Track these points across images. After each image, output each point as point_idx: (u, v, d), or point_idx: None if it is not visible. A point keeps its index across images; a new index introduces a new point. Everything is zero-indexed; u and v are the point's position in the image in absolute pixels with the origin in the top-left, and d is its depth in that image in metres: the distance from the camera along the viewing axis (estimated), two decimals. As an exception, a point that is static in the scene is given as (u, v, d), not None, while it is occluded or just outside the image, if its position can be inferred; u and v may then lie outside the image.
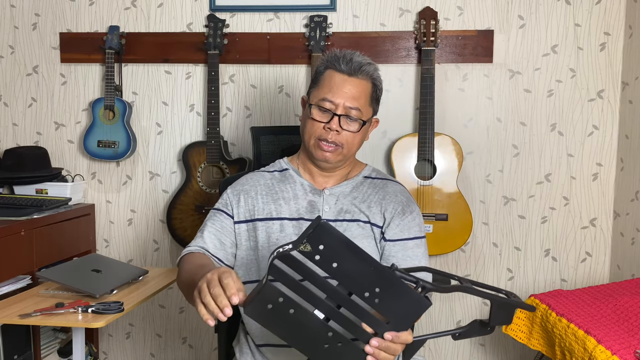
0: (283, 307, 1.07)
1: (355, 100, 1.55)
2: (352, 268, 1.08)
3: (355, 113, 1.55)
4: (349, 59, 1.55)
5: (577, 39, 2.60)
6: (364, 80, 1.56)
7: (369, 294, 1.09)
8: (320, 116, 1.55)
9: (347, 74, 1.55)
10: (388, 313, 1.13)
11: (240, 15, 2.72)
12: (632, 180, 2.50)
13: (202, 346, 2.88)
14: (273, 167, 1.71)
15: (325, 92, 1.55)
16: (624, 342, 1.65)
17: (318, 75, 1.60)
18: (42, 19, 2.81)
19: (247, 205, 1.61)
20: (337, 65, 1.56)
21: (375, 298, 1.10)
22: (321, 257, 1.06)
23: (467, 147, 2.64)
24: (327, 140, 1.55)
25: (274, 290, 1.05)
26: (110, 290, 1.98)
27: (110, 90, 2.70)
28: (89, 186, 2.85)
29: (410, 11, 2.65)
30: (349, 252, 1.07)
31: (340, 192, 1.63)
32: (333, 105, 1.54)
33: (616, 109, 2.61)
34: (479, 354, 2.77)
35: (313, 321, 1.10)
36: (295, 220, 1.58)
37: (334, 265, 1.07)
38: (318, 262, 1.07)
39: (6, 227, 2.25)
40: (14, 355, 2.31)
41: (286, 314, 1.08)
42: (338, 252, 1.07)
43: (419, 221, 1.63)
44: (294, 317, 1.08)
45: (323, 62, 1.60)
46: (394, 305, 1.12)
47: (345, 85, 1.55)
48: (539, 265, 2.70)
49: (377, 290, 1.09)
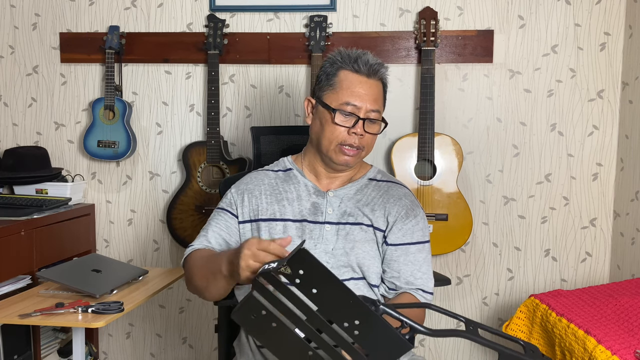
0: (266, 319, 1.08)
1: (375, 102, 1.55)
2: (332, 297, 1.07)
3: (376, 115, 1.55)
4: (366, 61, 1.53)
5: (577, 39, 2.60)
6: (378, 81, 1.56)
7: (348, 324, 1.08)
8: (343, 121, 1.53)
9: (366, 75, 1.54)
10: (367, 346, 1.10)
11: (240, 15, 2.72)
12: (632, 180, 2.50)
13: (202, 346, 2.88)
14: (277, 166, 1.70)
15: (347, 96, 1.52)
16: (624, 342, 1.65)
17: (331, 77, 1.56)
18: (42, 19, 2.81)
19: (251, 204, 1.61)
20: (355, 67, 1.53)
21: (355, 330, 1.08)
22: (301, 281, 1.07)
23: (467, 147, 2.64)
24: (352, 145, 1.54)
25: (257, 302, 1.07)
26: (110, 290, 1.98)
27: (110, 90, 2.70)
28: (89, 186, 2.85)
29: (410, 11, 2.65)
30: (328, 282, 1.07)
31: (345, 195, 1.61)
32: (356, 108, 1.52)
33: (616, 109, 2.61)
34: (479, 354, 2.77)
35: (293, 338, 1.10)
36: (299, 222, 1.57)
37: (314, 291, 1.07)
38: (298, 285, 1.07)
39: (6, 227, 2.25)
40: (14, 355, 2.31)
41: (269, 326, 1.09)
42: (317, 280, 1.07)
43: (422, 225, 1.62)
44: (275, 330, 1.09)
45: (334, 63, 1.56)
46: (373, 341, 1.10)
47: (366, 88, 1.53)
48: (539, 265, 2.70)
49: (357, 322, 1.08)
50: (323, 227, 1.57)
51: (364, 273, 1.55)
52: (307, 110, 1.63)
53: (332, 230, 1.57)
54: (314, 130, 1.60)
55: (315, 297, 1.08)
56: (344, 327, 1.09)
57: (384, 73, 1.57)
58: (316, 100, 1.60)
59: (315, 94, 1.61)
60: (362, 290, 1.54)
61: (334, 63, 1.57)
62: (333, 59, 1.58)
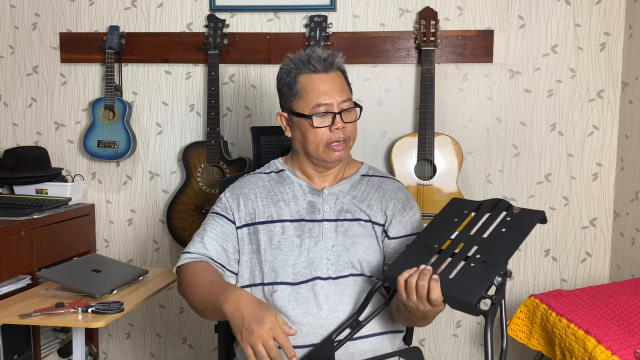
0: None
1: (343, 92, 1.57)
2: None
3: (348, 104, 1.57)
4: (318, 57, 1.55)
5: (577, 39, 2.60)
6: (337, 71, 1.59)
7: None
8: (321, 122, 1.54)
9: (324, 71, 1.56)
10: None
11: (240, 15, 2.72)
12: (632, 180, 2.50)
13: (202, 346, 2.88)
14: (269, 168, 1.70)
15: (315, 98, 1.54)
16: (624, 342, 1.65)
17: (293, 86, 1.57)
18: (42, 19, 2.81)
19: (248, 208, 1.61)
20: (310, 68, 1.55)
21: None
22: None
23: (467, 147, 2.64)
24: (338, 140, 1.55)
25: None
26: (110, 290, 1.98)
27: (110, 90, 2.70)
28: (89, 186, 2.85)
29: (410, 11, 2.65)
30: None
31: (339, 191, 1.63)
32: (329, 106, 1.54)
33: (616, 109, 2.61)
34: (479, 354, 2.77)
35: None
36: (297, 222, 1.58)
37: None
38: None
39: (6, 227, 2.25)
40: (14, 355, 2.31)
41: None
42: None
43: (419, 216, 1.66)
44: None
45: (290, 72, 1.58)
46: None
47: (329, 83, 1.55)
48: (539, 265, 2.70)
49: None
50: (322, 224, 1.57)
51: (363, 268, 1.56)
52: (282, 124, 1.64)
53: (331, 227, 1.57)
54: (297, 140, 1.61)
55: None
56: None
57: (339, 62, 1.59)
58: (288, 113, 1.61)
59: (285, 107, 1.62)
60: (360, 285, 1.54)
61: (289, 72, 1.58)
62: (287, 69, 1.59)
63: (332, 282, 1.52)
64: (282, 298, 1.51)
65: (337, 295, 1.51)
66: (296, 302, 1.50)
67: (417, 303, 1.30)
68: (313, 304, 1.50)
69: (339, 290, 1.52)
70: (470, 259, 1.29)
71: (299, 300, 1.50)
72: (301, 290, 1.51)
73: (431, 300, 1.29)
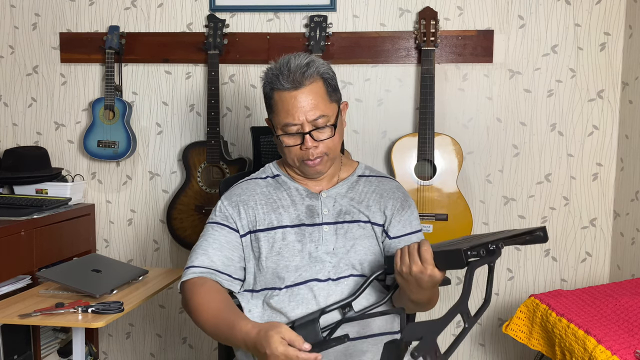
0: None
1: (315, 109, 1.48)
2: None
3: (321, 121, 1.49)
4: (288, 72, 1.47)
5: (577, 39, 2.60)
6: (312, 83, 1.48)
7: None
8: (292, 141, 1.52)
9: (293, 88, 1.47)
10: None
11: (240, 15, 2.72)
12: (632, 180, 2.50)
13: (202, 346, 2.88)
14: (264, 173, 1.68)
15: (284, 117, 1.49)
16: (624, 342, 1.65)
17: (268, 100, 1.53)
18: (42, 19, 2.81)
19: (249, 216, 1.59)
20: (279, 85, 1.48)
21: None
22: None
23: (467, 147, 2.64)
24: (310, 158, 1.52)
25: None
26: (110, 290, 1.98)
27: (110, 90, 2.70)
28: (89, 186, 2.85)
29: (410, 11, 2.65)
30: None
31: (337, 193, 1.62)
32: (296, 126, 1.49)
33: (616, 109, 2.61)
34: (479, 354, 2.77)
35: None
36: (297, 227, 1.57)
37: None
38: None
39: (6, 227, 2.25)
40: (14, 355, 2.31)
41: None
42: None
43: (416, 214, 1.66)
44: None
45: (267, 84, 1.53)
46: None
47: (297, 102, 1.47)
48: (539, 265, 2.70)
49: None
50: (321, 228, 1.57)
51: (364, 269, 1.55)
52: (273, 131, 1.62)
53: (331, 230, 1.57)
54: (279, 149, 1.60)
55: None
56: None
57: (312, 72, 1.48)
58: (268, 122, 1.60)
59: (268, 115, 1.60)
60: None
61: (266, 84, 1.53)
62: (265, 80, 1.54)
63: (332, 283, 1.52)
64: (283, 300, 1.51)
65: (338, 295, 1.51)
66: (296, 303, 1.50)
67: (411, 266, 1.32)
68: (313, 304, 1.50)
69: (339, 291, 1.51)
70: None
71: (299, 300, 1.50)
72: (301, 291, 1.51)
73: (422, 257, 1.30)
